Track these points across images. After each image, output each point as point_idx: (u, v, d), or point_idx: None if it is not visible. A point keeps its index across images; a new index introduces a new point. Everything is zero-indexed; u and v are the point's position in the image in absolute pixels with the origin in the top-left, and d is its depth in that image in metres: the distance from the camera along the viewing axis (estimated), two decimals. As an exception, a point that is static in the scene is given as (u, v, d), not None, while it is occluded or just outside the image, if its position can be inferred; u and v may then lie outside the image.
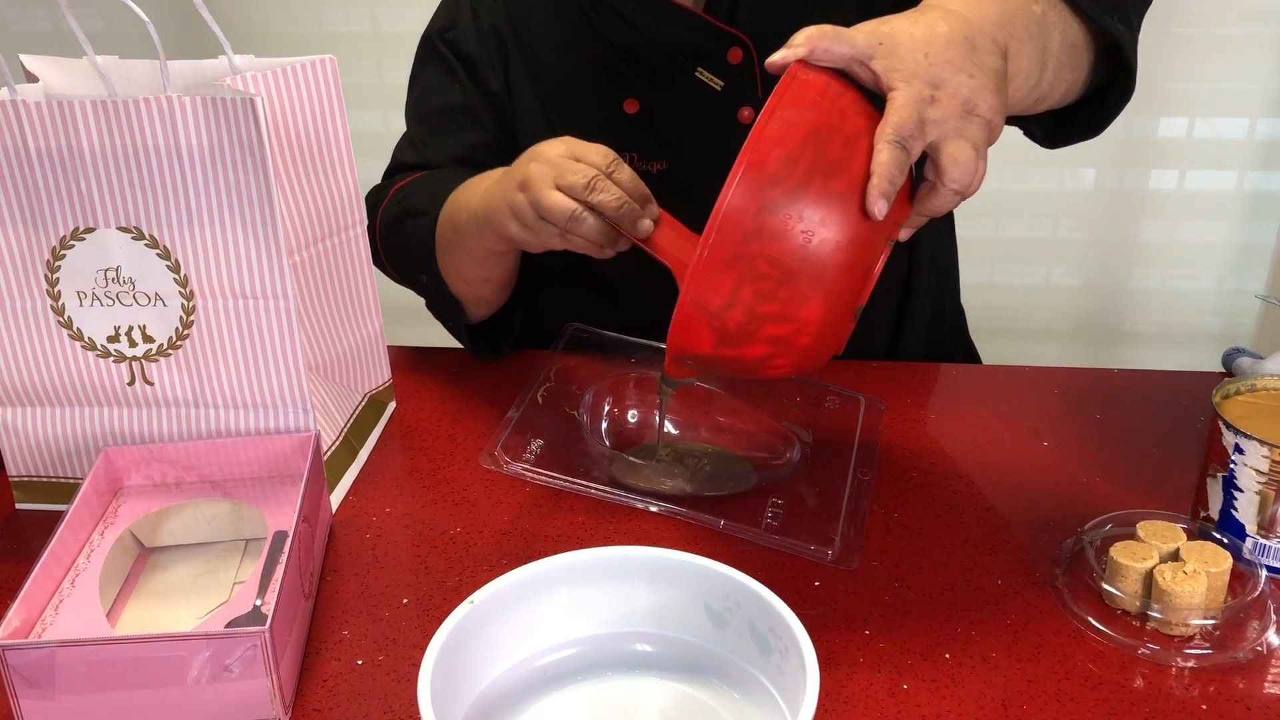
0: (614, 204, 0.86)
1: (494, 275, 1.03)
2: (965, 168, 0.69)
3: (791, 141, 0.67)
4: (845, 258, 0.68)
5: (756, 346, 0.71)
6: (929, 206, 0.72)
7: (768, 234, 0.67)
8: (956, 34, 0.71)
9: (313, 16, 2.12)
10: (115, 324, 0.84)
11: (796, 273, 0.67)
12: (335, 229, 0.91)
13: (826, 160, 0.67)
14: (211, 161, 0.79)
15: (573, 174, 0.87)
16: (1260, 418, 0.79)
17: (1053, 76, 0.81)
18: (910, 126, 0.68)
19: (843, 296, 0.70)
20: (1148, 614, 0.74)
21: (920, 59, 0.70)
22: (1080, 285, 2.19)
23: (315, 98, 0.86)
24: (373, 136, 2.02)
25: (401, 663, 0.73)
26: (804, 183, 0.67)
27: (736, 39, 1.06)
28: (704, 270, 0.68)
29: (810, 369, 0.75)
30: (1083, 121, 0.92)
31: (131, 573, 0.81)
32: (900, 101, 0.68)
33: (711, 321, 0.70)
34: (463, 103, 1.13)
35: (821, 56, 0.70)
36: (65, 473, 0.89)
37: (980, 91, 0.70)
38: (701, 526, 0.85)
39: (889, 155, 0.67)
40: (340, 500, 0.90)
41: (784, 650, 0.64)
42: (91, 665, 0.65)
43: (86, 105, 0.78)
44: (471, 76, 1.13)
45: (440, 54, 1.14)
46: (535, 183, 0.89)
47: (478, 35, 1.12)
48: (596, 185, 0.86)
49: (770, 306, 0.68)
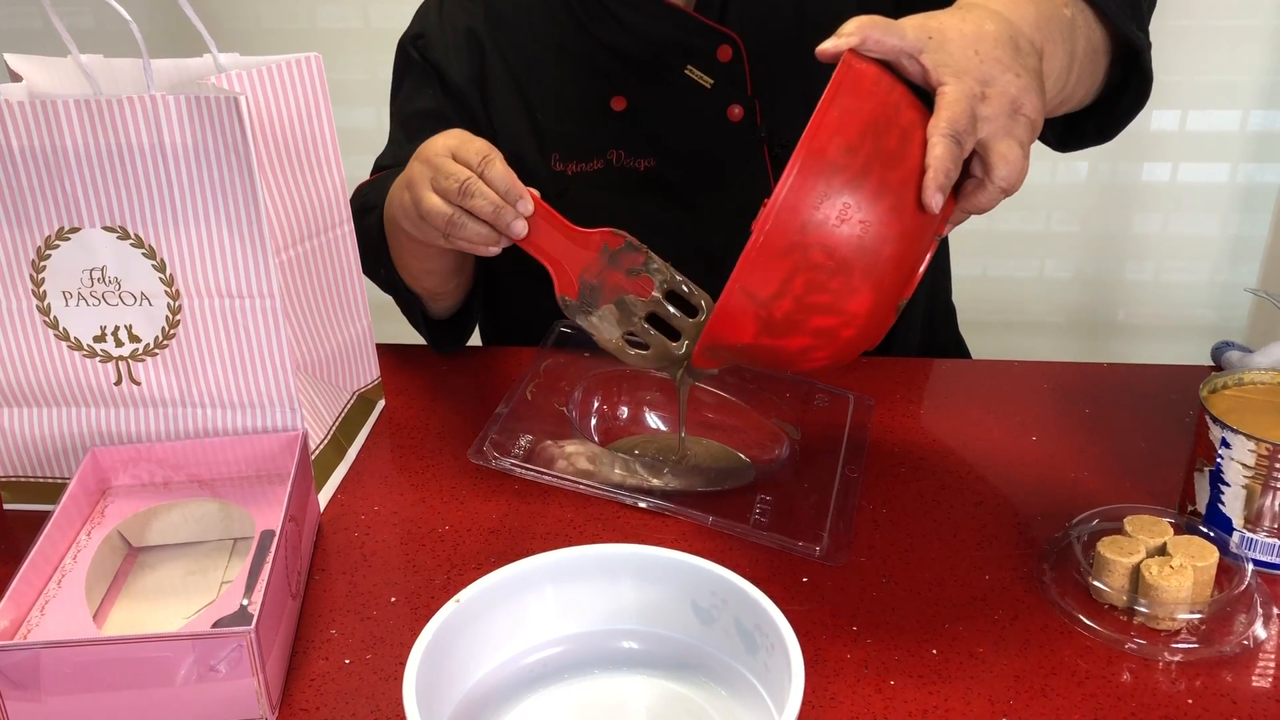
0: (486, 209, 0.84)
1: (432, 267, 1.02)
2: (1014, 166, 0.70)
3: (851, 130, 0.66)
4: (898, 250, 0.68)
5: (799, 338, 0.70)
6: (974, 203, 0.72)
7: (826, 223, 0.66)
8: (1003, 33, 0.72)
9: (305, 13, 2.12)
10: (101, 324, 0.84)
11: (850, 264, 0.67)
12: (322, 227, 0.91)
13: (884, 150, 0.67)
14: (196, 160, 0.79)
15: (445, 178, 0.85)
16: (1247, 412, 0.79)
17: (1076, 80, 0.82)
18: (964, 121, 0.68)
19: (891, 290, 0.69)
20: (1134, 608, 0.74)
21: (971, 55, 0.70)
22: (1073, 278, 2.19)
23: (301, 96, 0.86)
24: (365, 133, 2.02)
25: (389, 662, 0.73)
26: (863, 172, 0.66)
27: (726, 37, 1.06)
28: (757, 258, 0.67)
29: (846, 361, 0.74)
30: (1095, 125, 0.93)
31: (119, 573, 0.81)
32: (952, 96, 0.68)
33: (758, 311, 0.68)
34: (435, 108, 1.13)
35: (872, 47, 0.70)
36: (52, 473, 0.89)
37: (1026, 91, 0.71)
38: (690, 523, 0.85)
39: (944, 149, 0.67)
40: (328, 499, 0.90)
41: (770, 647, 0.64)
42: (77, 666, 0.65)
43: (70, 104, 0.77)
44: (443, 82, 1.13)
45: (414, 61, 1.15)
46: (416, 183, 0.88)
47: (448, 41, 1.12)
48: (468, 189, 0.84)
49: (821, 297, 0.67)
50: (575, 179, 1.10)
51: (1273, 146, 2.03)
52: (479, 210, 0.85)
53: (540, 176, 1.10)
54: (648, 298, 0.86)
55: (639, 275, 0.85)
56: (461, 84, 1.12)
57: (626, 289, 0.85)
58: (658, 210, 1.10)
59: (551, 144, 1.11)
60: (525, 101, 1.12)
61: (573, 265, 0.86)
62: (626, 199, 1.10)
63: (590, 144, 1.10)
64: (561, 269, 0.87)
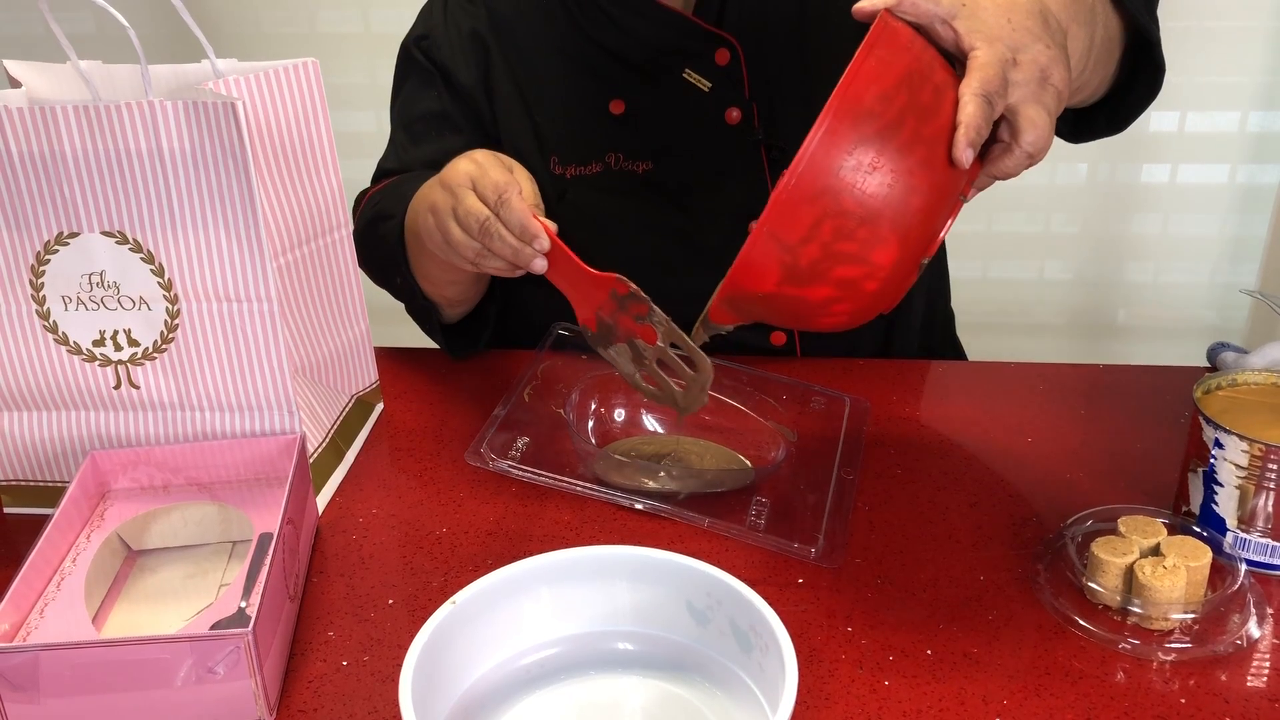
0: (505, 251, 0.87)
1: (457, 277, 1.03)
2: (1042, 131, 0.71)
3: (887, 80, 0.67)
4: (925, 204, 0.68)
5: (822, 288, 0.70)
6: (1000, 167, 0.72)
7: (859, 169, 0.66)
8: (1034, 6, 0.73)
9: (305, 17, 2.13)
10: (100, 328, 0.84)
11: (879, 213, 0.67)
12: (320, 231, 0.92)
13: (918, 103, 0.67)
14: (194, 165, 0.79)
15: (465, 213, 0.88)
16: (1241, 412, 0.80)
17: (1092, 66, 0.84)
18: (996, 83, 0.69)
19: (916, 245, 0.70)
20: (1128, 609, 0.74)
21: (1004, 23, 0.71)
22: (1074, 279, 2.19)
23: (298, 101, 0.86)
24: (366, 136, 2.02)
25: (386, 663, 0.73)
26: (897, 122, 0.67)
27: (724, 40, 1.06)
28: (787, 201, 0.67)
29: (862, 321, 0.74)
30: (1107, 117, 0.95)
31: (119, 575, 0.82)
32: (985, 59, 0.69)
33: (783, 256, 0.68)
34: (440, 109, 1.13)
35: (908, 9, 0.71)
36: (52, 476, 0.90)
37: (1055, 62, 0.72)
38: (687, 525, 0.85)
39: (976, 107, 0.68)
40: (327, 501, 0.90)
41: (764, 648, 0.65)
42: (76, 668, 0.65)
43: (69, 110, 0.78)
44: (448, 83, 1.13)
45: (417, 62, 1.15)
46: (441, 212, 0.90)
47: (453, 42, 1.13)
48: (486, 229, 0.87)
49: (848, 245, 0.68)
50: (574, 182, 1.11)
51: (1272, 147, 2.03)
52: (499, 252, 0.87)
53: (540, 179, 1.10)
54: (654, 345, 0.87)
55: (645, 323, 0.87)
56: (469, 85, 1.12)
57: (636, 333, 0.87)
58: (656, 212, 1.11)
59: (551, 147, 1.11)
60: (525, 104, 1.12)
61: (589, 300, 0.88)
62: (625, 201, 1.10)
63: (589, 147, 1.10)
64: (580, 301, 0.89)
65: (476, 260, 0.89)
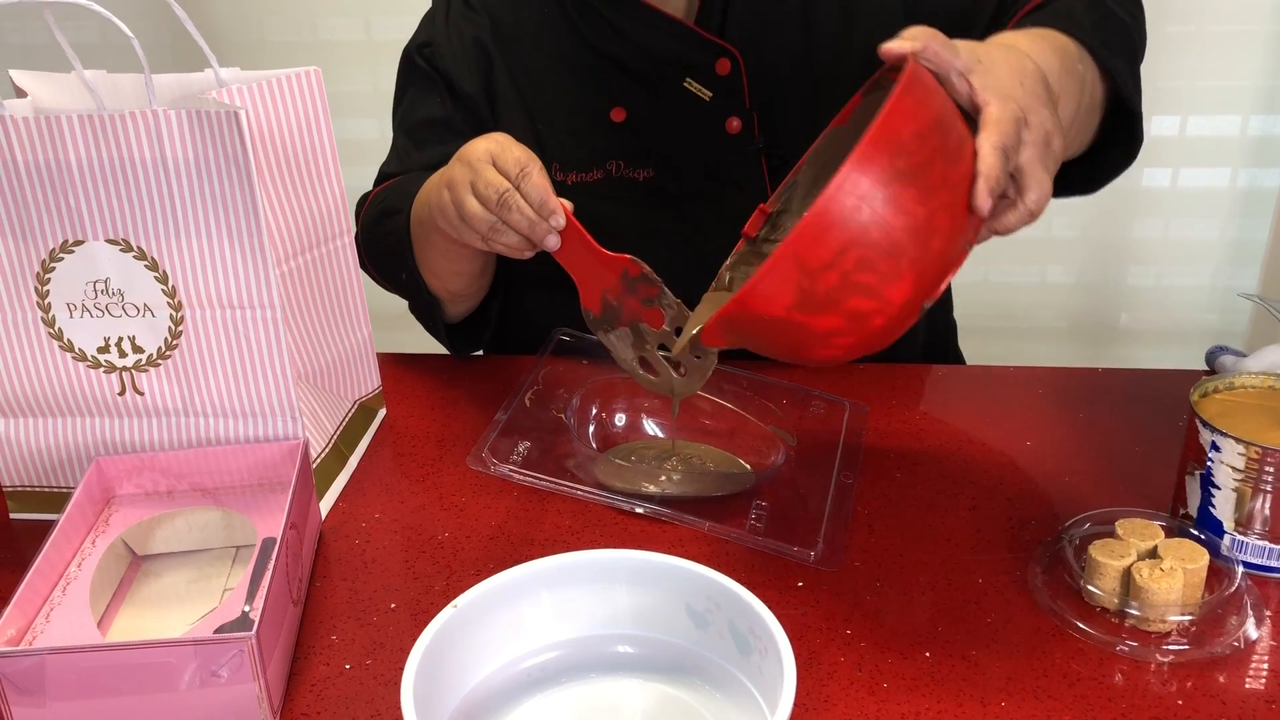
0: (521, 224, 0.88)
1: (463, 268, 1.04)
2: (1044, 191, 0.73)
3: (922, 120, 0.68)
4: (943, 247, 0.69)
5: (832, 318, 0.70)
6: (1003, 221, 0.74)
7: (891, 203, 0.67)
8: (1039, 74, 0.77)
9: (308, 25, 2.14)
10: (105, 335, 0.85)
11: (903, 249, 0.67)
12: (322, 238, 0.92)
13: (947, 147, 0.68)
14: (197, 174, 0.80)
15: (484, 185, 0.88)
16: (1237, 415, 0.80)
17: (1076, 131, 0.88)
18: (1013, 139, 0.71)
19: (928, 286, 0.70)
20: (1126, 611, 0.74)
21: (1016, 84, 0.74)
22: (1075, 284, 2.20)
23: (300, 109, 0.87)
24: (368, 143, 2.03)
25: (389, 667, 0.74)
26: (928, 163, 0.68)
27: (725, 50, 1.07)
28: (818, 224, 0.66)
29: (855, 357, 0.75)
30: (1081, 176, 0.98)
31: (124, 580, 0.82)
32: (1000, 116, 0.71)
33: (802, 280, 0.68)
34: (443, 115, 1.14)
35: (931, 57, 0.72)
36: (58, 482, 0.90)
37: (1057, 129, 0.75)
38: (687, 529, 0.86)
39: (996, 159, 0.70)
40: (330, 506, 0.91)
41: (763, 650, 0.65)
42: (81, 672, 0.66)
43: (74, 120, 0.79)
44: (450, 90, 1.14)
45: (420, 69, 1.16)
46: (457, 185, 0.90)
47: (455, 49, 1.14)
48: (505, 201, 0.87)
49: (867, 277, 0.68)
50: (575, 189, 1.11)
51: (1272, 151, 2.03)
52: (515, 224, 0.88)
53: None
54: (659, 329, 0.88)
55: (653, 306, 0.87)
56: (471, 92, 1.13)
57: (641, 316, 0.88)
58: (655, 220, 1.11)
59: (552, 154, 1.12)
60: (527, 111, 1.13)
61: (596, 283, 0.89)
62: (625, 209, 1.11)
63: (590, 154, 1.11)
64: (587, 284, 0.90)
65: (489, 235, 0.89)
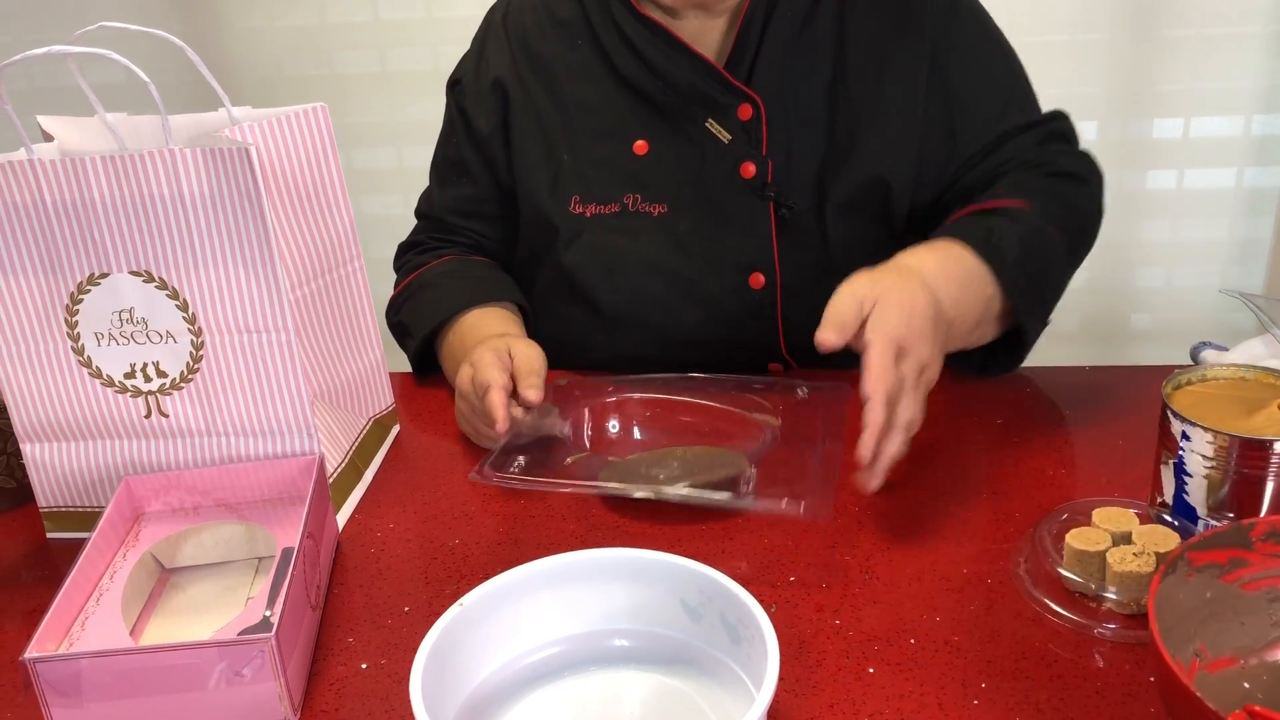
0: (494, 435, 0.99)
1: None
2: (916, 418, 0.87)
3: None
4: None
5: None
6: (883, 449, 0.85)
7: None
8: (930, 308, 0.89)
9: (324, 59, 2.20)
10: (131, 361, 0.90)
11: None
12: (333, 264, 0.97)
13: None
14: (213, 207, 0.85)
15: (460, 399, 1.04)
16: (1208, 405, 0.83)
17: (976, 339, 1.01)
18: (893, 385, 0.84)
19: None
20: (1102, 595, 0.78)
21: (902, 323, 0.86)
22: (1085, 286, 2.21)
23: (309, 143, 0.92)
24: (386, 172, 2.09)
25: (402, 666, 0.78)
26: None
27: (749, 97, 1.10)
28: None
29: None
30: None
31: (153, 592, 0.87)
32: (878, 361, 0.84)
33: None
34: (457, 156, 1.21)
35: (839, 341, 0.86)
36: (90, 502, 0.95)
37: (934, 360, 0.89)
38: (684, 528, 0.90)
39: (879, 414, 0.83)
40: (347, 518, 0.95)
41: (751, 638, 0.69)
42: (115, 674, 0.71)
43: (97, 160, 0.84)
44: (468, 129, 1.20)
45: (450, 105, 1.24)
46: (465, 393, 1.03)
47: (479, 89, 1.20)
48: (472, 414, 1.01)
49: None
50: (592, 221, 1.15)
51: (1275, 150, 2.05)
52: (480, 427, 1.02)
53: (556, 220, 1.15)
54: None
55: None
56: (486, 133, 1.19)
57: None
58: (661, 255, 1.14)
59: (572, 185, 1.15)
60: (550, 143, 1.16)
61: None
62: (635, 243, 1.14)
63: (611, 185, 1.14)
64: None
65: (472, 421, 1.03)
